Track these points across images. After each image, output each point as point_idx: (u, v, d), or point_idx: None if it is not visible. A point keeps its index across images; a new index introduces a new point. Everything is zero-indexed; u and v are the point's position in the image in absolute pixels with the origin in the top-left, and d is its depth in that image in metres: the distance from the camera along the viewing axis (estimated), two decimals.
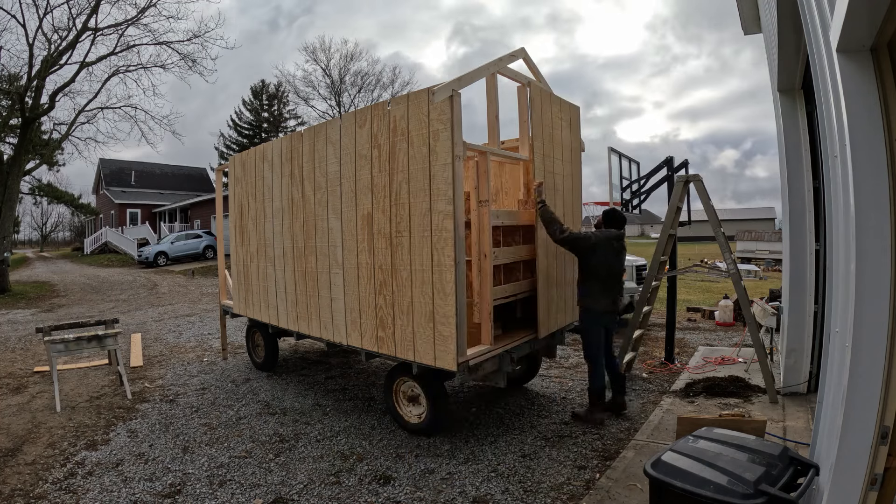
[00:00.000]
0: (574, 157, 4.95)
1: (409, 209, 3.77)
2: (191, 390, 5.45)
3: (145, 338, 8.26)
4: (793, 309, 4.55)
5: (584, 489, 3.19)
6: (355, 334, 4.34)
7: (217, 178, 7.54)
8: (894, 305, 1.83)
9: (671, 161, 5.69)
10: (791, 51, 3.81)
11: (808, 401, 4.30)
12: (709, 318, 8.84)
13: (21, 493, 3.31)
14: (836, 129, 1.99)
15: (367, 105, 4.24)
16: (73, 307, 12.46)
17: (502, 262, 4.07)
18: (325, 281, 4.63)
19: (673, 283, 5.93)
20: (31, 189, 24.58)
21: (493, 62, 4.07)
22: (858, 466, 1.90)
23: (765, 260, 21.36)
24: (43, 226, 57.69)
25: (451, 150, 3.45)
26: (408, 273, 3.81)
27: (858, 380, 1.88)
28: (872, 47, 1.86)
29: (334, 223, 4.46)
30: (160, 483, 3.41)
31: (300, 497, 3.20)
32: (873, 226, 1.85)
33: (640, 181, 6.02)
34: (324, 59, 32.90)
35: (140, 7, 16.00)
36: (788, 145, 4.51)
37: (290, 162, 4.99)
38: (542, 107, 4.33)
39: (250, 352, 6.41)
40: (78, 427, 4.45)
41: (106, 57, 16.64)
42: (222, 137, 39.83)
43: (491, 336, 3.93)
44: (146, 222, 32.72)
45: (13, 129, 16.09)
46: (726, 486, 2.09)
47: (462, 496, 3.15)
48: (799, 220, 4.52)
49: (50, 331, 5.70)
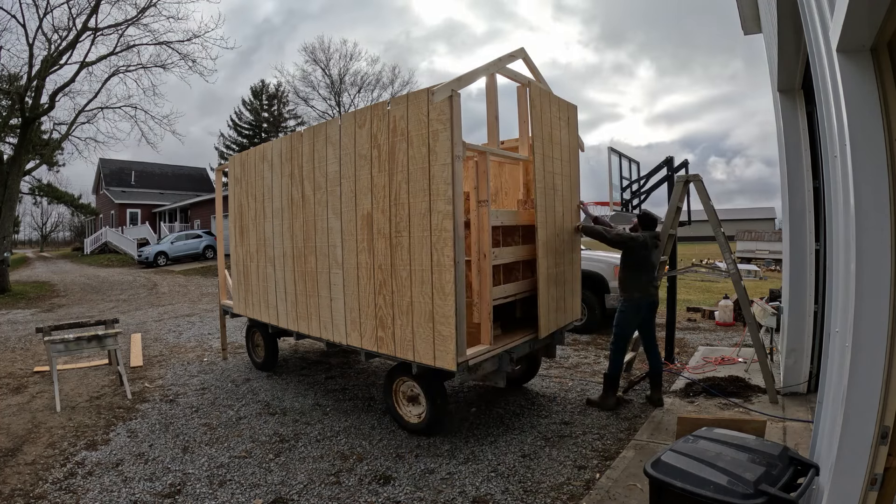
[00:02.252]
0: (573, 157, 4.94)
1: (408, 209, 3.77)
2: (191, 390, 5.45)
3: (145, 338, 8.26)
4: (793, 309, 4.55)
5: (584, 489, 3.19)
6: (355, 334, 4.34)
7: (217, 178, 7.54)
8: (894, 305, 1.84)
9: (671, 161, 5.69)
10: (791, 51, 3.81)
11: (808, 401, 4.30)
12: (709, 318, 8.83)
13: (21, 493, 3.31)
14: (836, 129, 2.00)
15: (367, 105, 4.25)
16: (73, 307, 12.46)
17: (502, 262, 4.07)
18: (324, 281, 4.63)
19: (673, 283, 5.93)
20: (31, 189, 24.59)
21: (493, 62, 4.07)
22: (858, 466, 1.90)
23: (765, 260, 21.37)
24: (43, 226, 57.80)
25: (450, 150, 3.45)
26: (407, 273, 3.81)
27: (858, 380, 1.88)
28: (872, 47, 1.86)
29: (334, 223, 4.46)
30: (160, 483, 3.41)
31: (300, 497, 3.20)
32: (873, 226, 1.85)
33: (640, 181, 6.02)
34: (323, 59, 32.96)
35: (140, 7, 16.03)
36: (788, 145, 4.52)
37: (289, 162, 4.99)
38: (541, 107, 4.33)
39: (250, 352, 6.41)
40: (78, 427, 4.45)
41: (106, 57, 16.65)
42: (222, 137, 39.92)
43: (490, 336, 3.93)
44: (146, 222, 32.74)
45: (13, 129, 16.09)
46: (726, 486, 2.09)
47: (462, 496, 3.15)
48: (799, 220, 4.52)
49: (50, 331, 5.70)
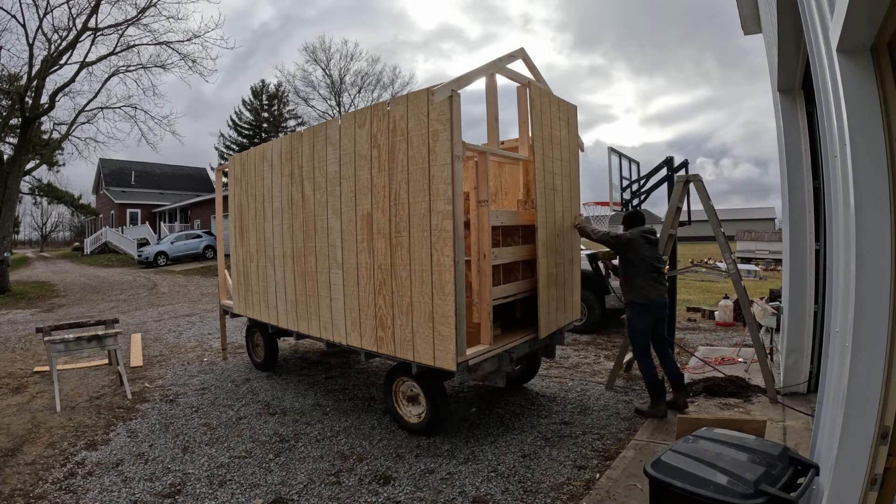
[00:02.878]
0: (572, 157, 4.94)
1: (408, 209, 3.77)
2: (191, 390, 5.45)
3: (145, 338, 8.26)
4: (793, 309, 4.54)
5: (584, 489, 3.19)
6: (355, 334, 4.34)
7: (217, 178, 7.54)
8: (894, 306, 1.83)
9: (671, 161, 5.68)
10: (791, 51, 3.81)
11: (808, 401, 4.29)
12: (709, 318, 8.83)
13: (21, 493, 3.31)
14: (836, 129, 1.99)
15: (367, 105, 4.24)
16: (73, 307, 12.46)
17: (502, 262, 4.07)
18: (324, 281, 4.63)
19: (673, 283, 5.92)
20: (31, 189, 24.58)
21: (493, 62, 4.06)
22: (858, 466, 1.90)
23: (765, 260, 21.36)
24: (43, 226, 57.84)
25: (450, 150, 3.45)
26: (407, 273, 3.81)
27: (858, 380, 1.88)
28: (872, 47, 1.86)
29: (334, 223, 4.46)
30: (160, 483, 3.41)
31: (300, 497, 3.20)
32: (873, 226, 1.85)
33: (640, 181, 6.02)
34: (324, 59, 32.97)
35: (140, 7, 16.03)
36: (788, 145, 4.51)
37: (289, 162, 4.99)
38: (541, 107, 4.33)
39: (250, 352, 6.41)
40: (78, 427, 4.45)
41: (106, 57, 16.66)
42: (222, 137, 39.91)
43: (490, 336, 3.93)
44: (146, 222, 32.73)
45: (13, 129, 16.09)
46: (726, 486, 2.09)
47: (462, 496, 3.15)
48: (799, 220, 4.52)
49: (50, 331, 5.70)
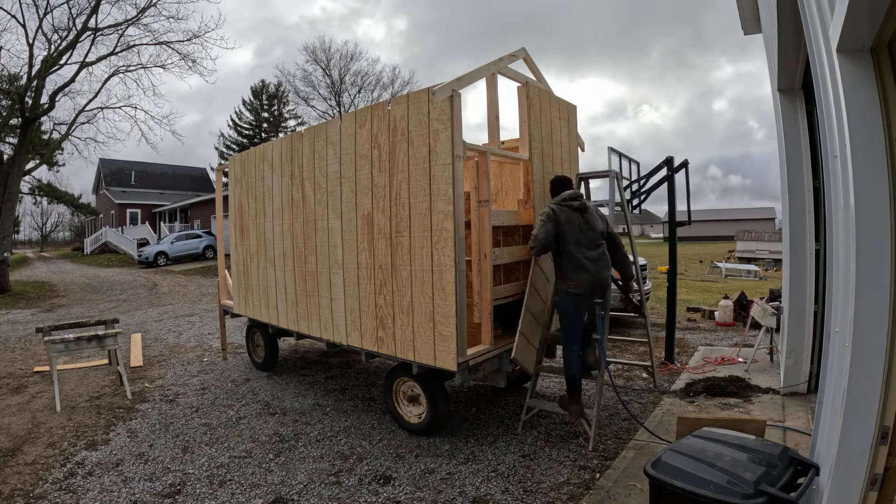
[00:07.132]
0: (572, 157, 4.94)
1: (409, 209, 3.77)
2: (191, 390, 5.45)
3: (145, 338, 8.25)
4: (793, 309, 4.54)
5: (584, 489, 3.19)
6: (355, 334, 4.34)
7: (217, 178, 7.54)
8: (894, 306, 1.83)
9: (671, 161, 5.69)
10: (791, 51, 3.81)
11: (808, 401, 4.29)
12: (709, 318, 8.83)
13: (21, 493, 3.31)
14: (836, 129, 2.00)
15: (367, 105, 4.25)
16: (73, 307, 12.45)
17: (502, 262, 4.07)
18: (325, 281, 4.63)
19: (673, 282, 5.93)
20: (31, 189, 24.54)
21: (494, 62, 4.07)
22: (858, 466, 1.90)
23: (765, 260, 21.37)
24: (43, 226, 57.87)
25: (451, 150, 3.45)
26: (408, 273, 3.81)
27: (858, 380, 1.88)
28: (872, 47, 1.86)
29: (334, 223, 4.46)
30: (160, 483, 3.41)
31: (300, 497, 3.20)
32: (873, 226, 1.85)
33: (640, 181, 6.02)
34: (324, 59, 32.94)
35: (140, 7, 16.03)
36: (788, 145, 4.51)
37: (290, 162, 4.99)
38: (541, 107, 4.33)
39: (250, 352, 6.41)
40: (78, 427, 4.45)
41: (106, 57, 16.64)
42: (222, 137, 39.89)
43: (491, 336, 3.93)
44: (146, 222, 32.72)
45: (13, 129, 16.08)
46: (726, 486, 2.09)
47: (462, 496, 3.15)
48: (799, 220, 4.51)
49: (50, 331, 5.69)
